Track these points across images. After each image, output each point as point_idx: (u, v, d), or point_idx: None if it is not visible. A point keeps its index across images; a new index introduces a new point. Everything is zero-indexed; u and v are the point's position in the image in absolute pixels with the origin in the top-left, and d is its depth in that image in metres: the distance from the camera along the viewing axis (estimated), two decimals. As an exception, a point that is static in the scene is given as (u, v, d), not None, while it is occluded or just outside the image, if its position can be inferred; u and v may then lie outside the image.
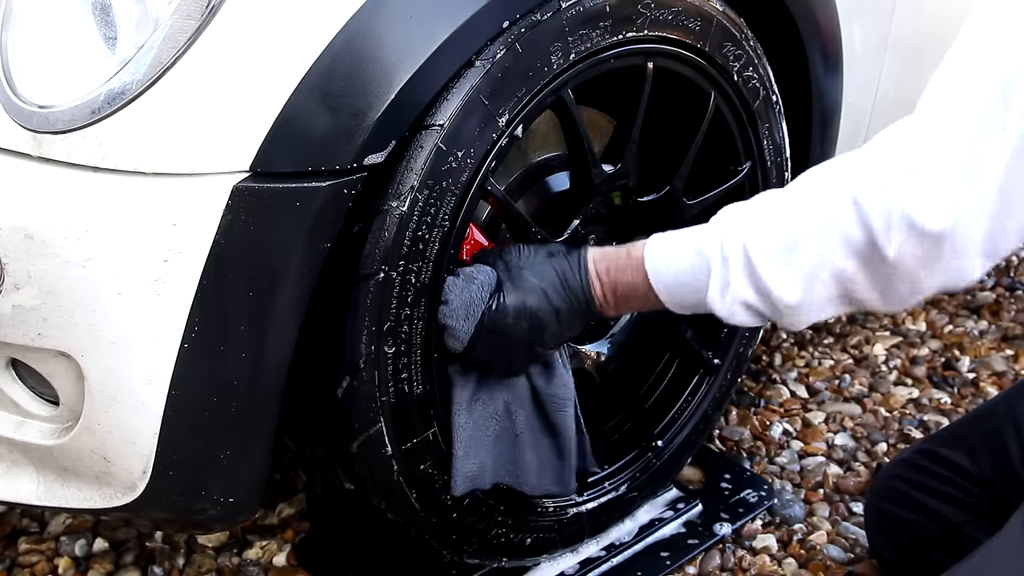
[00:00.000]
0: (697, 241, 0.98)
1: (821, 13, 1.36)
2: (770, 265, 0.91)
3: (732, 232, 0.95)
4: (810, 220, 0.90)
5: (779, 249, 0.91)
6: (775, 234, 0.92)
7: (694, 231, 1.00)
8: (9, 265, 0.89)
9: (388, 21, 0.91)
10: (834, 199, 0.89)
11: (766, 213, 0.94)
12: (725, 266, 0.94)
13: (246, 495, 1.03)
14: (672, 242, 1.02)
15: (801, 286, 0.91)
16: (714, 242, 0.96)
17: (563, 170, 1.26)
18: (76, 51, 0.90)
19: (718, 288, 0.95)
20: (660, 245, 1.02)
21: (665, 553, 1.43)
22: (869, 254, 0.87)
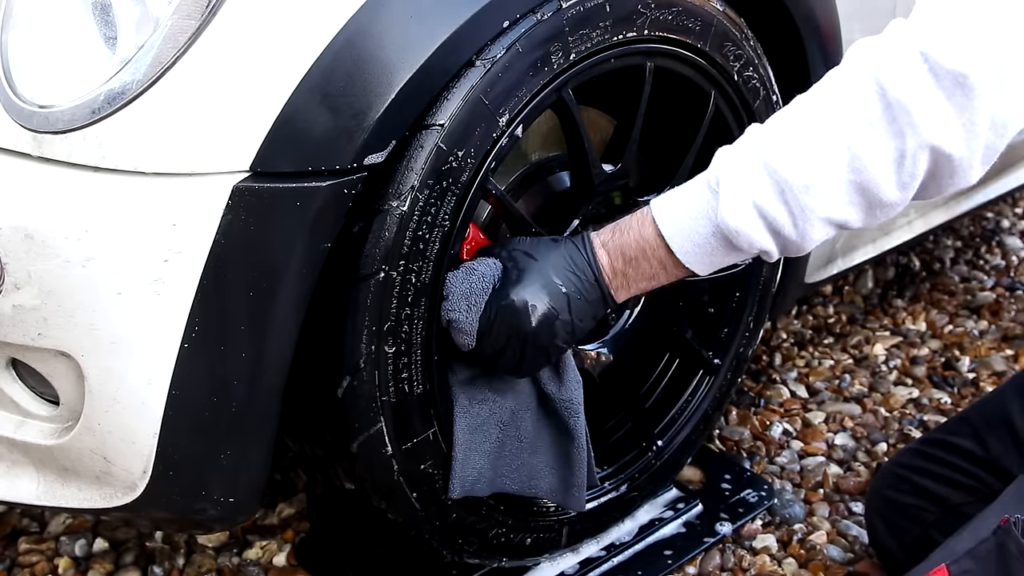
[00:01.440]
0: (702, 178, 0.96)
1: (821, 13, 1.36)
2: (781, 149, 0.89)
3: (736, 148, 0.93)
4: (824, 103, 0.89)
5: (790, 133, 0.89)
6: (784, 126, 0.90)
7: (698, 177, 0.98)
8: (9, 265, 0.89)
9: (388, 21, 0.91)
10: (848, 78, 0.87)
11: (770, 123, 0.93)
12: (732, 177, 0.91)
13: (246, 495, 1.03)
14: (677, 189, 0.99)
15: (815, 161, 0.88)
16: (718, 165, 0.94)
17: (563, 170, 1.26)
18: (76, 51, 0.90)
19: (729, 199, 0.91)
20: (665, 195, 1.00)
21: (665, 553, 1.43)
22: (883, 113, 0.85)
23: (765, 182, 0.89)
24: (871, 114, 0.86)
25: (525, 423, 1.13)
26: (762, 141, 0.91)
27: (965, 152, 0.85)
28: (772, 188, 0.89)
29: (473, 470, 1.11)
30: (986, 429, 1.26)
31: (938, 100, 0.83)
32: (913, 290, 2.30)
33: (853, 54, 0.91)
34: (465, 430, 1.09)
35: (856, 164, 0.87)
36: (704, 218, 0.95)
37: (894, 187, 0.88)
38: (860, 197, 0.89)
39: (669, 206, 0.98)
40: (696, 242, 0.96)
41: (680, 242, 0.97)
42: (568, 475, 1.17)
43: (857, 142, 0.86)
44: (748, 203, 0.90)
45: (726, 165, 0.93)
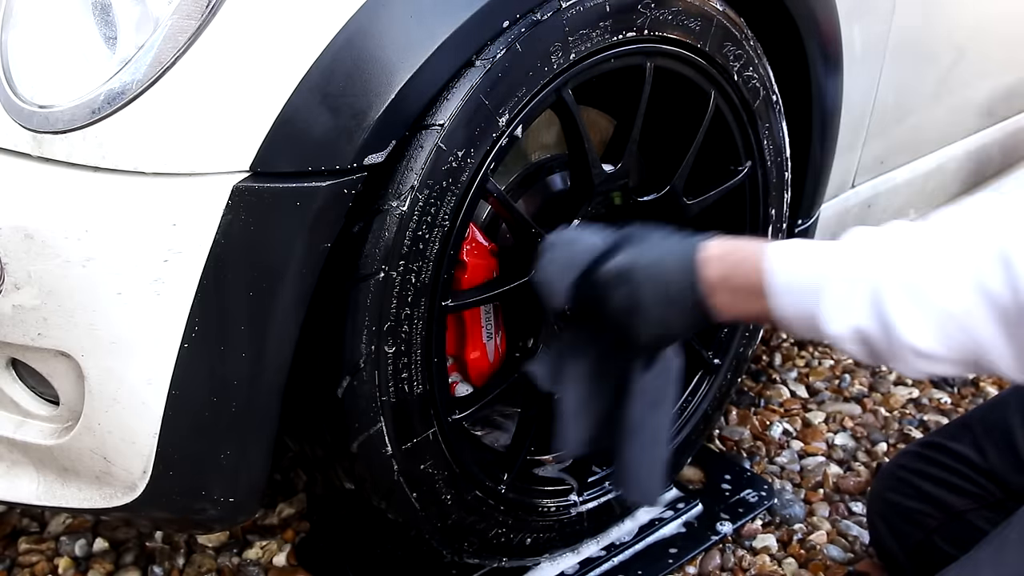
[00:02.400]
0: (823, 252, 0.89)
1: (821, 13, 1.36)
2: (901, 302, 0.82)
3: (863, 256, 0.86)
4: (952, 269, 0.80)
5: (914, 289, 0.81)
6: (912, 272, 0.82)
7: (820, 243, 0.91)
8: (9, 265, 0.89)
9: (388, 21, 0.91)
10: (981, 252, 0.79)
11: (905, 247, 0.84)
12: (851, 287, 0.85)
13: (246, 495, 1.03)
14: (797, 245, 0.92)
15: (930, 333, 0.81)
16: (841, 259, 0.87)
17: (563, 170, 1.26)
18: (76, 51, 0.90)
19: (836, 305, 0.85)
20: (783, 245, 0.93)
21: (665, 553, 1.43)
22: (1016, 319, 0.77)
23: (873, 319, 0.84)
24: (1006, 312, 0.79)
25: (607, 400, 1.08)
26: (884, 276, 0.83)
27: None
28: (879, 334, 0.84)
29: (576, 432, 1.07)
30: (986, 439, 1.26)
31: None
32: (913, 290, 2.30)
33: (980, 218, 0.83)
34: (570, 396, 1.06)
35: (981, 350, 0.81)
36: (807, 302, 0.89)
37: (1014, 372, 0.83)
38: (970, 368, 0.85)
39: (784, 260, 0.91)
40: (795, 314, 0.91)
41: (780, 304, 0.91)
42: (645, 471, 1.11)
43: (984, 335, 0.80)
44: (852, 326, 0.85)
45: (845, 264, 0.87)
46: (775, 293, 0.91)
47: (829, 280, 0.86)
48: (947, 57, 1.74)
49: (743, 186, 1.35)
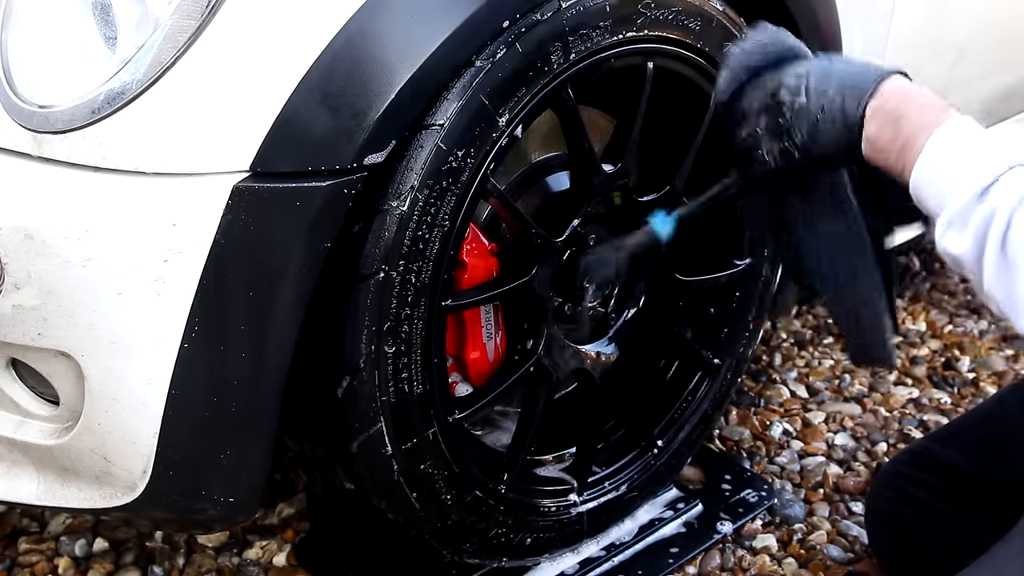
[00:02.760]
0: (963, 172, 0.86)
1: (821, 13, 1.36)
2: (996, 253, 0.81)
3: (1009, 193, 0.82)
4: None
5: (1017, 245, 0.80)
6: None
7: (970, 158, 0.87)
8: (9, 265, 0.89)
9: (388, 21, 0.91)
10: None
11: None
12: (974, 205, 0.84)
13: (246, 495, 1.03)
14: (971, 134, 0.89)
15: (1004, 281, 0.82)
16: (974, 184, 0.84)
17: (563, 170, 1.26)
18: (76, 51, 0.90)
19: (953, 219, 0.85)
20: (961, 128, 0.89)
21: (665, 553, 1.43)
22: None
23: (994, 256, 0.83)
24: None
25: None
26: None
27: None
28: (990, 270, 0.84)
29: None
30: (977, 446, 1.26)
31: None
32: (913, 290, 2.30)
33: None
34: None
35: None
36: (937, 195, 0.88)
37: None
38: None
39: (940, 150, 0.89)
40: (922, 196, 0.91)
41: (918, 180, 0.91)
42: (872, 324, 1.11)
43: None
44: (969, 250, 0.85)
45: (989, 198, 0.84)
46: (918, 168, 0.90)
47: (954, 200, 0.85)
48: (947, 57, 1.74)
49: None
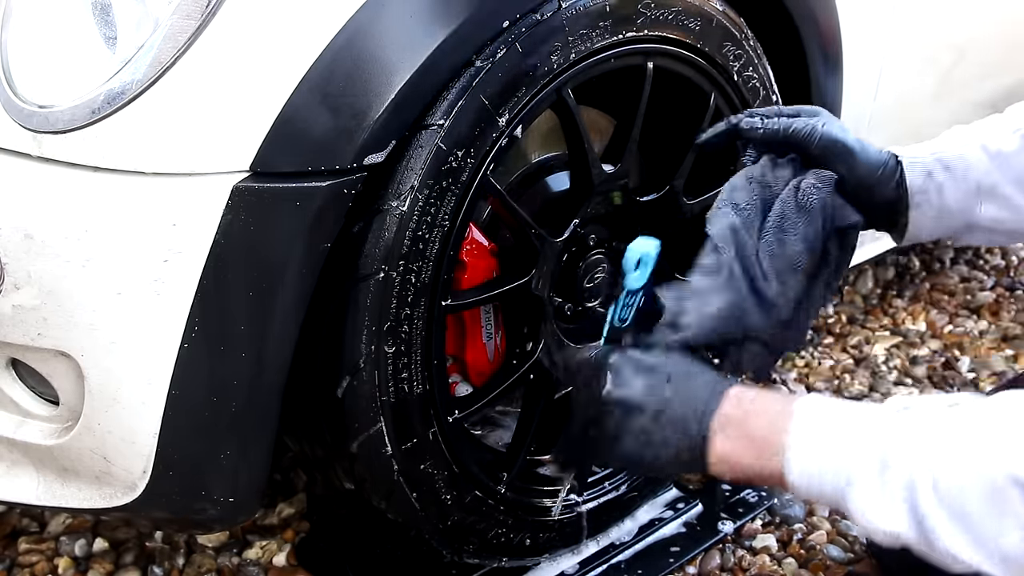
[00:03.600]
0: (851, 437, 0.81)
1: (821, 13, 1.36)
2: (943, 521, 0.76)
3: (898, 456, 0.79)
4: (986, 494, 0.74)
5: (958, 509, 0.76)
6: (953, 487, 0.76)
7: (846, 431, 0.82)
8: (9, 265, 0.89)
9: (388, 21, 0.91)
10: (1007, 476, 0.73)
11: (941, 455, 0.77)
12: (883, 480, 0.78)
13: (246, 495, 1.03)
14: (832, 415, 0.84)
15: (973, 551, 0.76)
16: (872, 451, 0.80)
17: (563, 170, 1.26)
18: (76, 51, 0.90)
19: (871, 503, 0.79)
20: (816, 411, 0.84)
21: (665, 553, 1.43)
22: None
23: (914, 530, 0.79)
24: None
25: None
26: (922, 488, 0.77)
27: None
28: (920, 544, 0.80)
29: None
30: None
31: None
32: (913, 290, 2.30)
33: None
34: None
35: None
36: (830, 492, 0.82)
37: None
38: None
39: (806, 446, 0.83)
40: (814, 497, 0.85)
41: (799, 488, 0.84)
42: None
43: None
44: (888, 532, 0.81)
45: (876, 462, 0.80)
46: (791, 463, 0.83)
47: (855, 476, 0.80)
48: (947, 58, 1.74)
49: (743, 186, 1.35)
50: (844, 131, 1.04)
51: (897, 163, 1.04)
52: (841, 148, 1.03)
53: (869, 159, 1.04)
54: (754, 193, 1.02)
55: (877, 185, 1.04)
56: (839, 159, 1.03)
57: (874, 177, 1.04)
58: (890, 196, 1.04)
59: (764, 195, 1.02)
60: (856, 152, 1.03)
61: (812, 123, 1.03)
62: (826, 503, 0.84)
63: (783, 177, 1.03)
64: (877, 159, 1.04)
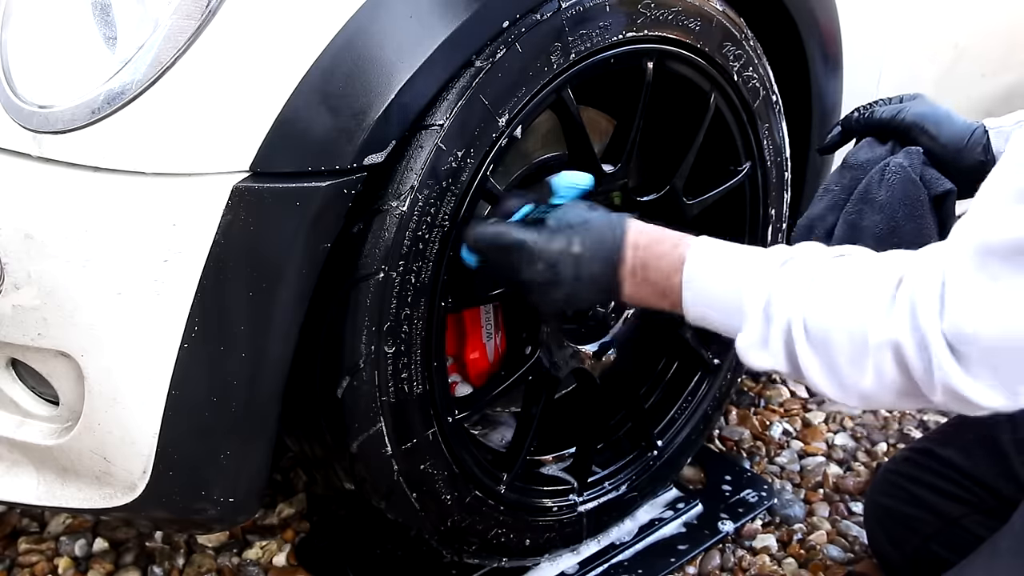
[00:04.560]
0: (744, 279, 0.91)
1: (821, 13, 1.36)
2: (810, 357, 0.86)
3: (779, 298, 0.88)
4: (854, 331, 0.83)
5: (820, 344, 0.85)
6: (824, 330, 0.85)
7: (744, 262, 0.93)
8: (9, 265, 0.89)
9: (388, 21, 0.91)
10: (878, 322, 0.81)
11: (814, 297, 0.86)
12: (766, 325, 0.89)
13: (246, 495, 1.03)
14: (719, 261, 0.95)
15: (837, 390, 0.86)
16: (759, 295, 0.89)
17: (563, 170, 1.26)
18: (76, 51, 0.90)
19: (753, 342, 0.90)
20: (706, 257, 0.95)
21: (665, 553, 1.43)
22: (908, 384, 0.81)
23: (786, 362, 0.88)
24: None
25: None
26: (796, 328, 0.87)
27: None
28: (790, 373, 0.90)
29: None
30: (974, 445, 1.26)
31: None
32: (913, 290, 2.30)
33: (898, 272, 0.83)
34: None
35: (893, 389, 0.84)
36: (720, 321, 0.94)
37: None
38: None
39: (704, 275, 0.95)
40: (705, 324, 0.97)
41: (693, 313, 0.97)
42: None
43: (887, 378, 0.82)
44: (765, 362, 0.90)
45: (762, 302, 0.89)
46: (688, 302, 0.96)
47: (743, 310, 0.90)
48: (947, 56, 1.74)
49: (743, 186, 1.35)
50: (933, 106, 1.13)
51: (985, 131, 1.10)
52: (929, 118, 1.11)
53: (955, 127, 1.11)
54: (845, 177, 1.12)
55: (964, 151, 1.10)
56: (927, 130, 1.11)
57: (961, 144, 1.10)
58: (977, 161, 1.09)
59: (857, 176, 1.11)
60: (942, 121, 1.11)
61: (899, 104, 1.13)
62: (720, 332, 0.96)
63: (878, 157, 1.11)
64: (964, 127, 1.11)
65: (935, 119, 1.11)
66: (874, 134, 1.15)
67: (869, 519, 1.40)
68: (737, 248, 0.96)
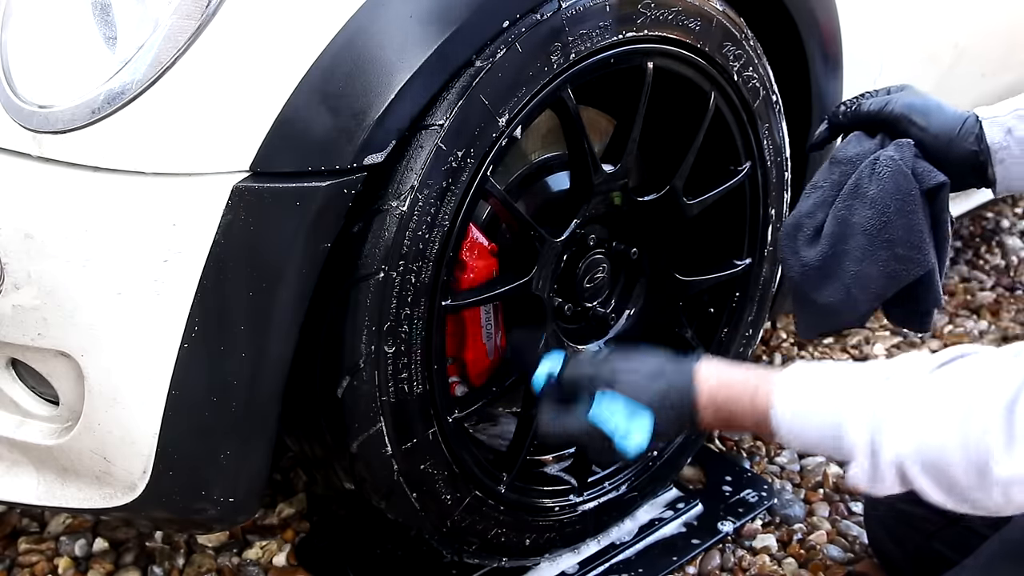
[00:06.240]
0: (842, 412, 0.89)
1: (821, 13, 1.36)
2: (929, 485, 0.85)
3: (884, 430, 0.86)
4: (973, 459, 0.81)
5: (937, 473, 0.84)
6: (932, 457, 0.84)
7: (838, 391, 0.90)
8: (9, 265, 0.89)
9: (388, 21, 0.91)
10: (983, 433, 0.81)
11: (921, 426, 0.85)
12: (875, 460, 0.87)
13: (246, 495, 1.03)
14: (810, 399, 0.92)
15: (955, 500, 0.85)
16: (861, 428, 0.87)
17: (563, 170, 1.26)
18: (76, 51, 0.90)
19: (864, 478, 0.88)
20: (794, 398, 0.93)
21: (665, 553, 1.43)
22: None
23: (902, 487, 0.88)
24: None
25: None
26: (908, 462, 0.86)
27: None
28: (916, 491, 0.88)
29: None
30: None
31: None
32: (913, 290, 2.30)
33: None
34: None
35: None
36: (824, 452, 0.95)
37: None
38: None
39: (795, 421, 0.93)
40: (810, 452, 0.97)
41: (793, 445, 0.97)
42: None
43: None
44: (886, 489, 0.89)
45: (865, 438, 0.87)
46: (786, 440, 0.94)
47: (848, 446, 0.88)
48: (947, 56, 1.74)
49: (743, 186, 1.35)
50: (923, 96, 1.10)
51: (977, 120, 1.07)
52: (918, 108, 1.08)
53: (946, 117, 1.08)
54: (834, 173, 1.10)
55: (956, 140, 1.07)
56: (916, 120, 1.07)
57: (952, 133, 1.07)
58: (969, 152, 1.06)
59: (846, 171, 1.09)
60: (932, 111, 1.08)
61: (887, 96, 1.10)
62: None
63: (868, 151, 1.08)
64: (955, 116, 1.08)
65: (924, 109, 1.08)
66: (862, 128, 1.12)
67: (870, 517, 1.40)
68: (827, 374, 0.93)
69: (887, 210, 1.04)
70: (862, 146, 1.10)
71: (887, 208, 1.04)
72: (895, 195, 1.04)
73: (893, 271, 1.05)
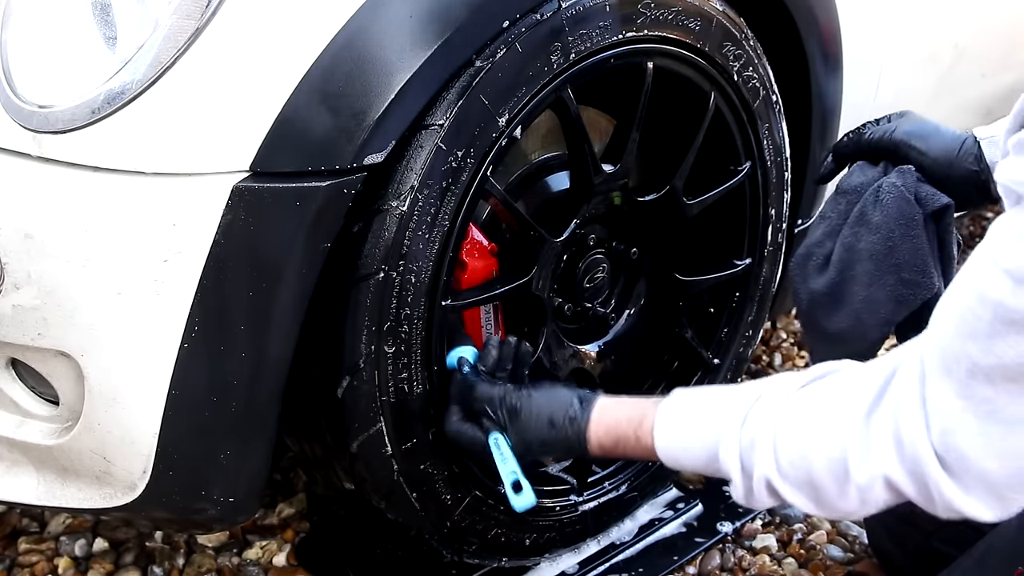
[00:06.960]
0: (712, 438, 0.93)
1: (821, 13, 1.36)
2: (797, 496, 0.89)
3: (752, 451, 0.90)
4: (833, 467, 0.85)
5: (803, 485, 0.88)
6: (797, 470, 0.87)
7: (709, 420, 0.95)
8: (9, 265, 0.89)
9: (388, 21, 0.91)
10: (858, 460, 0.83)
11: (784, 442, 0.88)
12: (747, 479, 0.91)
13: (246, 495, 1.03)
14: (684, 431, 0.97)
15: (823, 510, 0.89)
16: (732, 450, 0.91)
17: (563, 170, 1.26)
18: (76, 51, 0.90)
19: (742, 495, 0.93)
20: (671, 430, 0.98)
21: (665, 553, 1.43)
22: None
23: (774, 500, 0.91)
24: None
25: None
26: (774, 477, 0.89)
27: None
28: (788, 504, 0.92)
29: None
30: None
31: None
32: (913, 290, 2.30)
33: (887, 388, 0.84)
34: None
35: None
36: (707, 473, 0.98)
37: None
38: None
39: (676, 448, 0.98)
40: (687, 468, 1.02)
41: (680, 468, 1.02)
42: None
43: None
44: (762, 503, 0.92)
45: (736, 458, 0.91)
46: (670, 463, 0.99)
47: (725, 468, 0.92)
48: (947, 56, 1.74)
49: (743, 186, 1.35)
50: (921, 121, 1.14)
51: (975, 141, 1.09)
52: (917, 133, 1.11)
53: (944, 139, 1.10)
54: (840, 203, 1.13)
55: (955, 161, 1.09)
56: (915, 145, 1.11)
57: (952, 155, 1.09)
58: (970, 171, 1.08)
59: (852, 200, 1.12)
60: (931, 135, 1.11)
61: (887, 124, 1.13)
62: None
63: (871, 179, 1.11)
64: (953, 138, 1.10)
65: (923, 133, 1.11)
66: (865, 156, 1.15)
67: (870, 517, 1.40)
68: (702, 400, 0.98)
69: (892, 235, 1.06)
70: (865, 175, 1.12)
71: (892, 233, 1.06)
72: (899, 220, 1.06)
73: (900, 295, 1.07)
